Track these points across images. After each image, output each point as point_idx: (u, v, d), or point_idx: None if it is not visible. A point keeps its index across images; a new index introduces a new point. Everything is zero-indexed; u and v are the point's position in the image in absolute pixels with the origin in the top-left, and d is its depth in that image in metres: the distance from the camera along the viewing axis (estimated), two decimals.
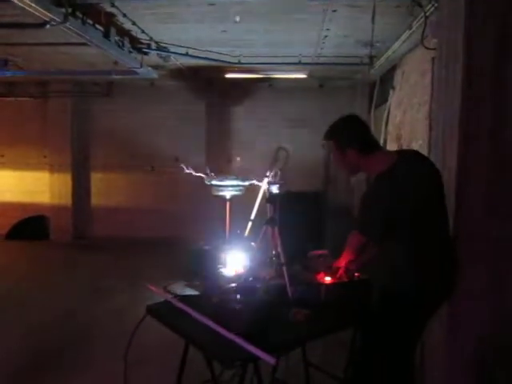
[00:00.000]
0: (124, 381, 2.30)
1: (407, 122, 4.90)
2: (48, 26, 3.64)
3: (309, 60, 5.81)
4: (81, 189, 8.21)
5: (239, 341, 1.90)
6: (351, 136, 2.23)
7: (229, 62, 5.78)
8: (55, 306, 4.69)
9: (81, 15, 3.85)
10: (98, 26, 4.20)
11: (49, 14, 3.43)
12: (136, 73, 5.74)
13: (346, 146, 2.22)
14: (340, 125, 2.29)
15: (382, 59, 5.32)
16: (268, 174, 4.99)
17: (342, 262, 2.38)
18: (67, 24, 3.62)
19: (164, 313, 2.33)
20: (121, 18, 4.25)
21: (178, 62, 6.05)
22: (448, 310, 2.40)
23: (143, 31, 4.68)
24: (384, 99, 6.01)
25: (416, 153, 2.36)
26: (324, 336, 2.33)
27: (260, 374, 2.06)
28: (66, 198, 8.09)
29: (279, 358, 2.34)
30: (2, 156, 8.35)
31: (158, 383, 3.06)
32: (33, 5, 3.22)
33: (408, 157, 2.25)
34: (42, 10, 3.32)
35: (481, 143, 2.34)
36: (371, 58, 5.30)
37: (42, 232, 8.10)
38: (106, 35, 4.28)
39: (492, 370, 2.41)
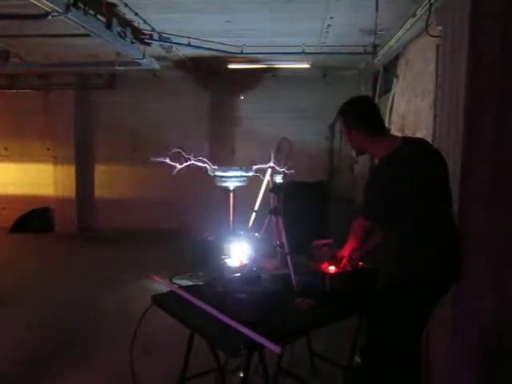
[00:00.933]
0: (130, 370, 2.32)
1: (411, 111, 4.87)
2: (50, 16, 3.63)
3: (312, 50, 5.77)
4: (85, 181, 8.23)
5: (244, 330, 1.90)
6: (356, 117, 2.26)
7: (232, 53, 5.74)
8: (60, 298, 4.72)
9: (82, 6, 3.83)
10: (99, 16, 4.17)
11: (50, 5, 3.41)
12: (139, 64, 5.72)
13: (350, 125, 2.26)
14: (349, 104, 2.32)
15: (386, 48, 5.28)
16: (271, 164, 5.00)
17: (346, 251, 2.38)
18: (69, 15, 3.60)
19: (169, 303, 2.35)
20: (122, 9, 4.23)
21: (180, 53, 6.02)
22: (451, 300, 2.39)
23: (145, 21, 4.66)
24: (388, 88, 5.97)
25: (422, 140, 2.36)
26: (328, 325, 2.34)
27: (265, 362, 2.08)
28: (69, 191, 8.11)
29: (284, 347, 2.35)
30: (6, 149, 8.36)
31: (164, 372, 3.07)
32: None
33: (413, 143, 2.27)
34: (43, 0, 3.30)
35: (486, 132, 2.32)
36: (375, 46, 5.25)
37: (46, 224, 8.13)
38: (108, 26, 4.26)
39: (495, 359, 2.41)
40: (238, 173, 5.22)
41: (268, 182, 5.82)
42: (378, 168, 2.20)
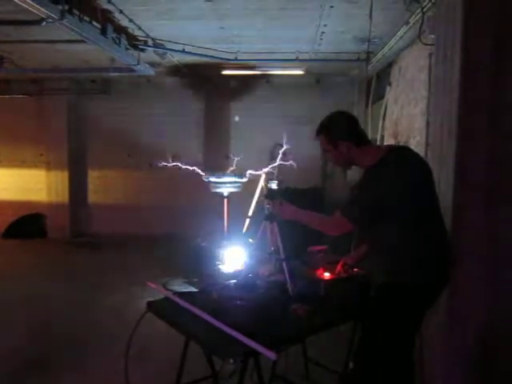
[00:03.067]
0: (125, 377, 2.31)
1: (404, 118, 4.91)
2: (44, 23, 3.63)
3: (306, 56, 5.81)
4: (78, 186, 8.20)
5: (240, 336, 1.91)
6: (342, 128, 2.26)
7: (226, 59, 5.77)
8: (55, 304, 4.68)
9: (77, 12, 3.84)
10: (94, 23, 4.19)
11: (45, 11, 3.42)
12: (133, 70, 5.73)
13: (337, 138, 2.24)
14: (330, 119, 2.32)
15: (379, 55, 5.33)
16: (265, 170, 5.02)
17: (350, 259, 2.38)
18: (64, 21, 3.60)
19: (164, 309, 2.34)
20: (117, 15, 4.24)
21: (174, 59, 6.04)
22: (447, 301, 2.41)
23: (140, 28, 4.67)
24: (381, 95, 6.02)
25: (406, 147, 2.39)
26: (323, 331, 2.35)
27: (260, 369, 2.07)
28: (63, 196, 8.08)
29: (279, 353, 2.35)
30: None
31: (159, 379, 3.06)
32: (29, 1, 3.20)
33: (398, 149, 2.30)
34: (38, 6, 3.31)
35: (479, 139, 2.35)
36: (368, 54, 5.30)
37: (39, 230, 8.09)
38: (103, 32, 4.27)
39: (491, 360, 2.43)
40: (232, 179, 5.24)
41: (262, 187, 5.84)
42: (365, 176, 2.21)
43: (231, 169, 5.30)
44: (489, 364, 2.43)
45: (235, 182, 5.24)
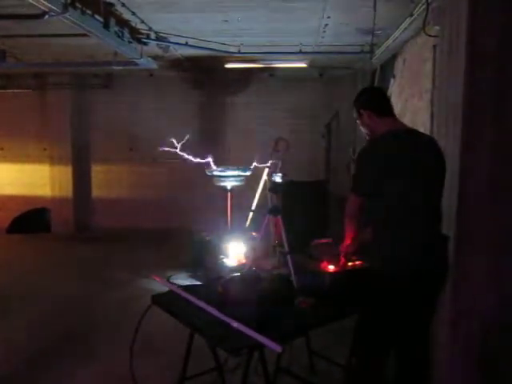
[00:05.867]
0: (130, 370, 2.32)
1: (409, 110, 4.88)
2: (47, 16, 3.61)
3: (309, 49, 5.77)
4: (82, 181, 8.21)
5: (244, 329, 1.91)
6: (364, 98, 2.45)
7: (229, 52, 5.74)
8: (59, 298, 4.71)
9: (80, 5, 3.82)
10: (97, 16, 4.16)
11: (48, 5, 3.39)
12: (136, 64, 5.70)
13: (359, 107, 2.40)
14: (361, 90, 2.56)
15: (383, 47, 5.29)
16: (269, 163, 5.01)
17: (343, 246, 2.38)
18: (66, 14, 3.58)
19: (169, 302, 2.35)
20: (120, 8, 4.22)
21: (177, 53, 6.02)
22: (450, 300, 2.41)
23: (142, 21, 4.65)
24: (385, 88, 5.98)
25: (415, 131, 2.42)
26: (328, 324, 2.35)
27: (265, 361, 2.08)
28: (66, 191, 8.09)
29: (283, 345, 2.35)
30: (2, 149, 8.33)
31: (164, 372, 3.08)
32: None
33: (415, 130, 2.37)
34: (41, 0, 3.29)
35: (484, 130, 2.34)
36: (372, 46, 5.26)
37: (43, 225, 8.11)
38: (106, 26, 4.25)
39: (494, 359, 2.42)
40: (236, 172, 5.23)
41: (265, 181, 5.84)
42: (374, 140, 2.28)
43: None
44: (493, 362, 2.43)
45: (239, 176, 5.23)
